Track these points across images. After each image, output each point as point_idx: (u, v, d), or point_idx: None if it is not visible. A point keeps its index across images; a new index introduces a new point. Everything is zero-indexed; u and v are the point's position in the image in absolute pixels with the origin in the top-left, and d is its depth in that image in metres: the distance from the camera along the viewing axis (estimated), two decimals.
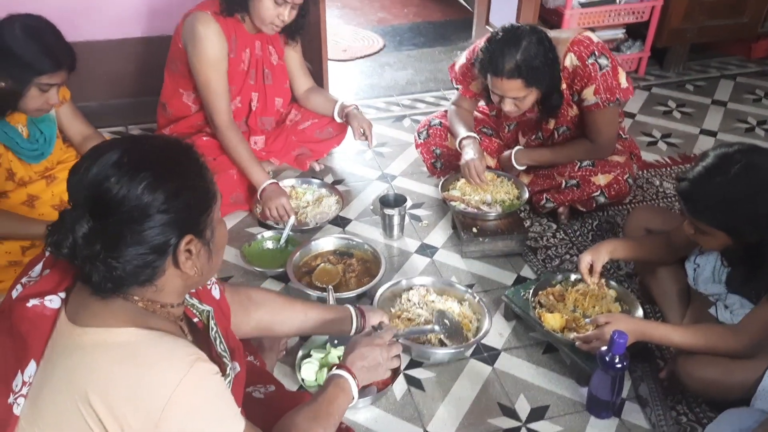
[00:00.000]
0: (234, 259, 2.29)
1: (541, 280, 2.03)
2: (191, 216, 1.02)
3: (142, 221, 0.96)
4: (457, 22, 4.51)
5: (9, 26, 1.86)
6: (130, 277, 0.99)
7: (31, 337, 0.99)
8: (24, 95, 1.90)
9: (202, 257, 1.06)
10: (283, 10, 2.28)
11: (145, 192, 0.96)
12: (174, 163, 1.02)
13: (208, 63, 2.33)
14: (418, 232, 2.45)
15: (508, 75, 2.07)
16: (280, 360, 1.88)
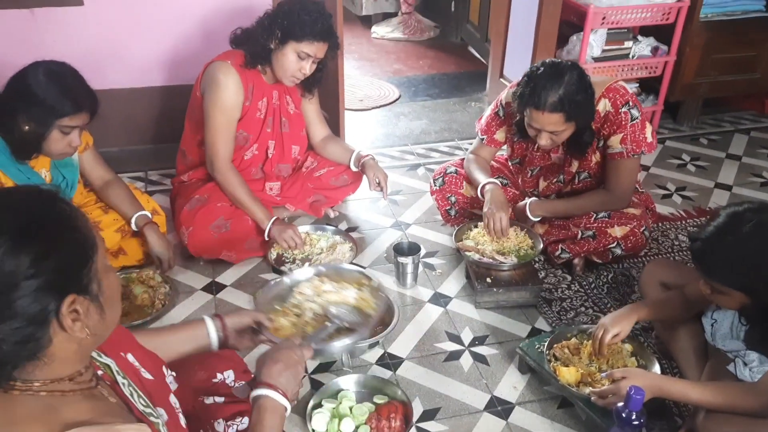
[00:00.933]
0: (248, 305, 2.29)
1: (556, 332, 2.01)
2: (68, 274, 0.91)
3: (9, 293, 0.85)
4: (472, 74, 4.59)
5: (33, 71, 1.92)
6: (12, 357, 0.88)
7: None
8: (46, 138, 1.94)
9: (93, 315, 0.94)
10: (305, 63, 2.35)
11: (6, 260, 0.85)
12: (35, 219, 0.91)
13: (221, 108, 2.39)
14: (432, 281, 2.45)
15: (550, 108, 2.09)
16: (291, 410, 1.85)
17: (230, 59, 2.40)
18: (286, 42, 2.31)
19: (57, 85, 1.91)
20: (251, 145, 2.56)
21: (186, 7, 3.03)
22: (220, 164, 2.44)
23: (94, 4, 2.90)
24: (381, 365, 2.05)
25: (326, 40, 2.33)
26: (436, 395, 1.95)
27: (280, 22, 2.30)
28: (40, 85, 1.90)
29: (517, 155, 2.53)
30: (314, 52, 2.32)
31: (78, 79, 1.98)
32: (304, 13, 2.28)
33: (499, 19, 3.84)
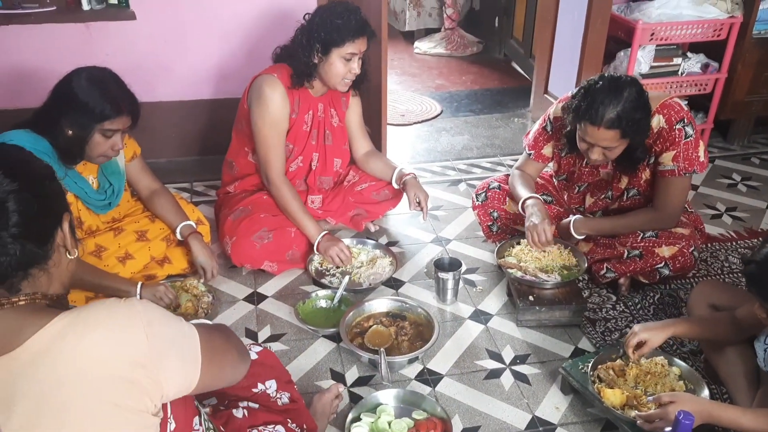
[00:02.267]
0: (288, 317, 2.30)
1: (600, 353, 1.96)
2: (62, 199, 1.15)
3: (44, 212, 1.08)
4: (515, 89, 4.57)
5: (75, 77, 1.98)
6: (27, 253, 1.03)
7: None
8: (89, 141, 1.99)
9: (70, 238, 1.13)
10: (353, 63, 2.39)
11: (44, 186, 1.10)
12: (41, 167, 1.14)
13: (269, 121, 2.42)
14: (473, 297, 2.42)
15: (607, 125, 2.05)
16: (331, 423, 1.85)
17: (276, 72, 2.43)
18: (328, 51, 2.34)
19: (98, 89, 1.96)
20: (296, 156, 2.59)
21: (232, 22, 3.10)
22: (274, 176, 2.48)
23: (146, 19, 2.98)
24: (420, 381, 2.03)
25: (364, 34, 2.37)
26: (476, 413, 1.92)
27: (317, 35, 2.33)
28: (82, 90, 1.95)
29: (564, 171, 2.50)
30: (358, 49, 2.36)
31: (118, 84, 2.03)
32: (335, 17, 2.32)
33: (544, 34, 3.81)
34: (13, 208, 1.00)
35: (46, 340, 0.97)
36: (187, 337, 1.11)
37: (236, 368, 1.27)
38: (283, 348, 2.16)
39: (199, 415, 1.23)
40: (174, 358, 1.07)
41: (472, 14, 5.83)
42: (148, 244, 2.31)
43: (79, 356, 0.97)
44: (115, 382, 0.98)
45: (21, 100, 3.00)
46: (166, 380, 1.05)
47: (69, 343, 0.97)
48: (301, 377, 2.03)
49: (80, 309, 1.02)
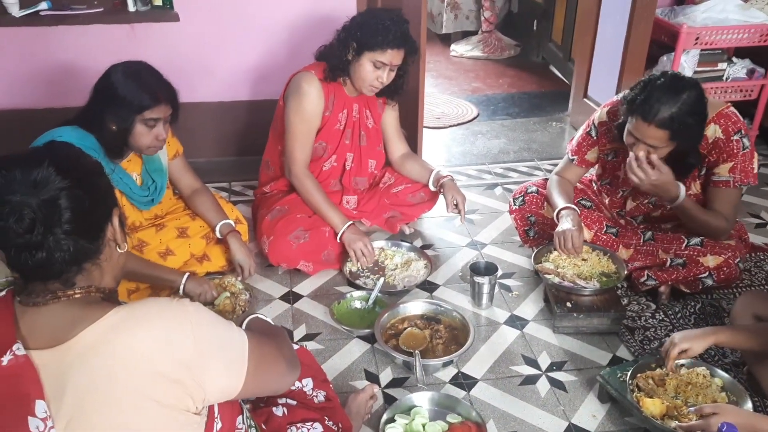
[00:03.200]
0: (323, 317, 2.31)
1: (639, 362, 1.93)
2: (111, 194, 1.17)
3: (96, 206, 1.10)
4: (553, 94, 4.53)
5: (113, 71, 2.03)
6: (80, 251, 1.06)
7: (23, 385, 0.98)
8: (132, 133, 2.03)
9: (120, 233, 1.16)
10: (382, 72, 2.38)
11: (94, 183, 1.11)
12: (91, 162, 1.16)
13: (301, 115, 2.45)
14: (508, 302, 2.41)
15: (658, 123, 2.00)
16: (365, 423, 1.85)
17: (314, 70, 2.47)
18: (361, 53, 2.35)
19: (134, 81, 2.00)
20: (330, 155, 2.60)
21: (272, 25, 3.13)
22: (297, 169, 2.50)
23: (189, 22, 3.03)
24: (454, 384, 2.02)
25: (401, 47, 2.35)
26: (511, 419, 1.91)
27: (354, 34, 2.35)
28: (120, 84, 1.99)
29: (609, 175, 2.46)
30: (389, 60, 2.35)
31: (154, 74, 2.07)
32: (377, 22, 2.32)
33: (584, 38, 3.77)
34: (66, 205, 1.02)
35: (99, 333, 1.00)
36: (235, 343, 1.13)
37: (283, 378, 1.28)
38: (318, 347, 2.17)
39: (241, 414, 1.25)
40: (218, 362, 1.08)
41: (509, 17, 5.80)
42: (188, 240, 2.35)
43: (128, 351, 0.99)
44: (159, 379, 1.00)
45: (68, 98, 3.07)
46: (208, 383, 1.06)
47: (119, 338, 1.00)
48: (335, 377, 2.04)
49: (133, 305, 1.05)
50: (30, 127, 3.15)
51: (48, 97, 3.10)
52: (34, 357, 0.99)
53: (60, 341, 1.00)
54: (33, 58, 3.02)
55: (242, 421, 1.24)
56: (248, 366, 1.13)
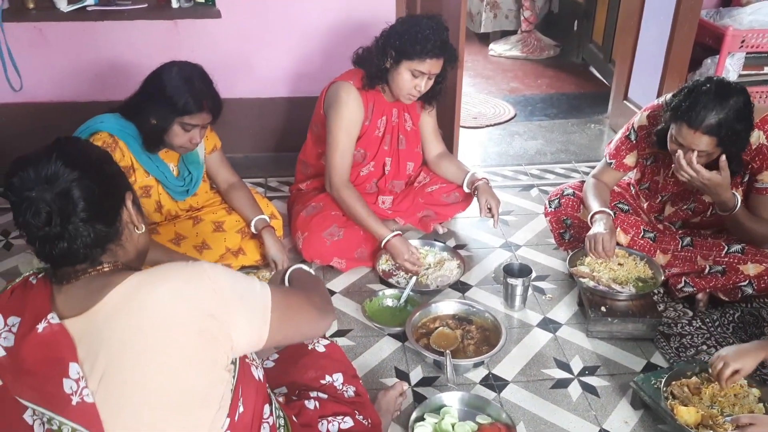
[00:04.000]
0: (354, 313, 2.33)
1: (674, 369, 1.89)
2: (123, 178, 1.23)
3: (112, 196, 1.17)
4: (592, 95, 4.47)
5: (167, 69, 2.07)
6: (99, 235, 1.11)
7: (58, 351, 1.03)
8: (168, 132, 2.07)
9: (137, 214, 1.21)
10: (420, 81, 2.37)
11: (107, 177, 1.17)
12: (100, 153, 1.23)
13: (344, 127, 2.45)
14: (541, 305, 2.39)
15: (705, 130, 1.95)
16: (394, 420, 1.86)
17: (352, 79, 2.46)
18: (399, 61, 2.33)
19: (184, 84, 2.03)
20: (368, 162, 2.61)
21: (312, 23, 3.16)
22: (337, 181, 2.49)
23: (230, 18, 3.08)
24: (485, 385, 2.02)
25: (440, 57, 2.33)
26: (542, 422, 1.89)
27: (393, 42, 2.32)
28: (170, 83, 2.03)
29: (648, 180, 2.41)
30: (428, 69, 2.33)
31: (205, 82, 2.10)
32: (416, 31, 2.29)
33: (626, 39, 3.71)
34: (78, 195, 1.08)
35: (122, 293, 1.05)
36: (256, 294, 1.17)
37: (316, 324, 1.32)
38: (349, 344, 2.19)
39: (270, 404, 1.26)
40: (242, 311, 1.12)
41: (550, 17, 5.74)
42: (224, 234, 2.39)
43: (153, 306, 1.04)
44: (187, 332, 1.05)
45: (112, 92, 3.14)
46: (235, 332, 1.10)
47: (143, 295, 1.05)
48: (366, 373, 2.05)
49: (151, 269, 1.10)
50: (74, 119, 3.23)
51: (92, 91, 3.18)
52: (68, 325, 1.04)
53: (89, 307, 1.05)
54: (79, 52, 3.10)
55: (270, 411, 1.26)
56: (273, 315, 1.17)
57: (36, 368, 1.03)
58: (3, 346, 1.06)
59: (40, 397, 1.03)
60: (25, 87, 3.14)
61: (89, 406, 1.01)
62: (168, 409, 1.04)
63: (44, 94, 3.18)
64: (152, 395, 1.03)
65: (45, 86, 3.16)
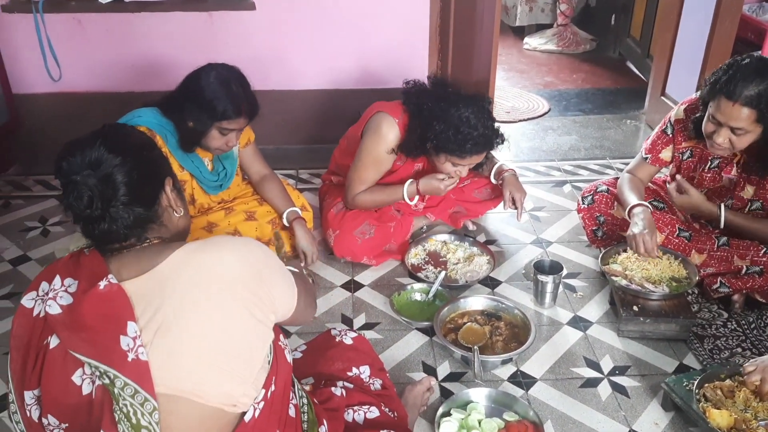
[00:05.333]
0: (383, 307, 2.33)
1: (707, 371, 1.85)
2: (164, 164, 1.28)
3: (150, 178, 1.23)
4: (629, 90, 4.39)
5: (206, 73, 2.08)
6: (145, 218, 1.19)
7: (116, 308, 1.08)
8: (206, 135, 2.10)
9: (178, 201, 1.27)
10: (461, 169, 2.34)
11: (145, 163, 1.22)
12: (145, 139, 1.30)
13: (373, 159, 2.41)
14: (572, 303, 2.36)
15: (743, 101, 1.91)
16: (421, 414, 1.86)
17: (398, 117, 2.36)
18: (439, 153, 2.30)
19: (223, 89, 2.05)
20: None
21: (344, 15, 3.16)
22: (351, 197, 2.49)
23: (264, 10, 3.10)
24: (513, 382, 2.00)
25: (481, 153, 2.30)
26: (570, 420, 1.87)
27: (431, 140, 2.26)
28: (209, 87, 2.04)
29: (684, 175, 2.36)
30: (469, 162, 2.31)
31: (244, 86, 2.11)
32: (456, 127, 2.20)
33: (664, 34, 3.63)
34: (119, 180, 1.14)
35: (182, 255, 1.13)
36: (286, 270, 1.27)
37: (311, 312, 1.43)
38: (377, 337, 2.19)
39: (293, 387, 1.29)
40: (281, 280, 1.22)
41: (587, 11, 5.65)
42: (255, 224, 2.41)
43: (214, 264, 1.12)
44: (240, 287, 1.12)
45: (148, 83, 3.20)
46: (277, 297, 1.19)
47: (202, 255, 1.13)
48: (393, 367, 2.05)
49: (206, 239, 1.19)
50: (111, 109, 3.30)
51: (129, 81, 3.23)
52: (126, 286, 1.10)
53: (148, 270, 1.12)
54: (116, 43, 3.15)
55: (294, 395, 1.28)
56: (297, 290, 1.27)
57: (95, 324, 1.08)
58: (60, 304, 1.11)
59: (97, 352, 1.07)
60: (63, 77, 3.21)
61: (143, 364, 1.06)
62: (217, 360, 1.09)
63: (82, 84, 3.24)
64: (204, 344, 1.08)
65: (83, 76, 3.22)
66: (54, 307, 1.11)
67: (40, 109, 3.26)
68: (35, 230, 2.77)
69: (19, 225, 2.81)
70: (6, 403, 1.83)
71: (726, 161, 2.23)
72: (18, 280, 2.45)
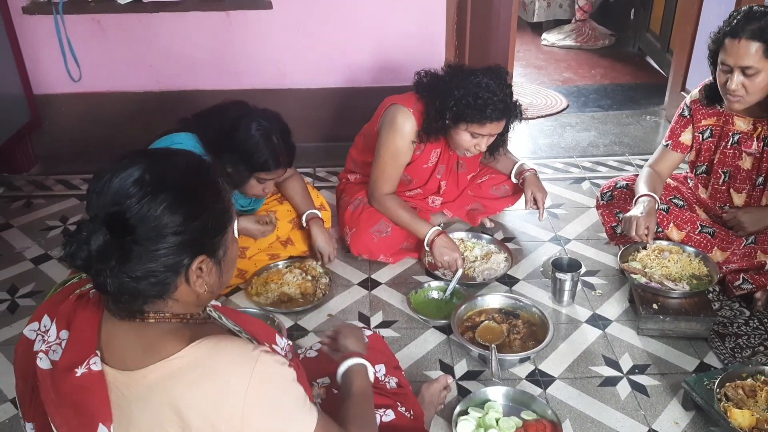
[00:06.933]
0: (400, 305, 2.33)
1: (729, 370, 1.83)
2: (206, 237, 1.02)
3: (157, 242, 0.96)
4: (648, 86, 4.34)
5: (246, 122, 2.05)
6: (143, 291, 0.99)
7: (91, 402, 0.97)
8: (244, 185, 2.12)
9: (213, 275, 1.05)
10: (480, 141, 2.30)
11: (164, 214, 0.95)
12: (194, 184, 1.01)
13: (392, 152, 2.40)
14: (591, 301, 2.34)
15: (747, 35, 1.96)
16: (438, 413, 1.86)
17: (411, 107, 2.36)
18: (458, 122, 2.26)
19: (265, 142, 2.04)
20: (415, 187, 2.59)
21: (361, 13, 3.16)
22: (378, 194, 2.47)
23: (281, 9, 3.11)
24: (530, 381, 1.99)
25: (501, 120, 2.26)
26: (588, 420, 1.86)
27: (450, 106, 2.23)
28: (250, 141, 2.03)
29: (705, 159, 2.34)
30: (488, 132, 2.27)
31: (284, 137, 2.11)
32: (475, 94, 2.18)
33: (685, 28, 3.59)
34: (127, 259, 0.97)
35: (163, 374, 0.97)
36: (297, 424, 1.04)
37: None
38: (394, 335, 2.19)
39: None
40: None
41: (605, 6, 5.59)
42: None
43: (184, 402, 0.96)
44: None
45: (167, 83, 3.23)
46: None
47: (178, 388, 0.96)
48: (410, 365, 2.05)
49: (208, 348, 0.99)
50: (130, 108, 3.34)
51: (147, 81, 3.26)
52: (109, 375, 0.99)
53: (130, 367, 0.98)
54: (135, 43, 3.18)
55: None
56: None
57: (71, 409, 0.98)
58: (51, 359, 1.01)
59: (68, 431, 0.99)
60: (83, 77, 3.24)
61: None
62: None
63: (101, 84, 3.27)
64: None
65: (102, 76, 3.25)
66: (45, 361, 1.01)
67: (61, 110, 3.30)
68: (56, 229, 2.81)
69: (41, 224, 2.85)
70: None
71: (746, 136, 2.21)
72: (40, 278, 2.48)
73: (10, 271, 2.53)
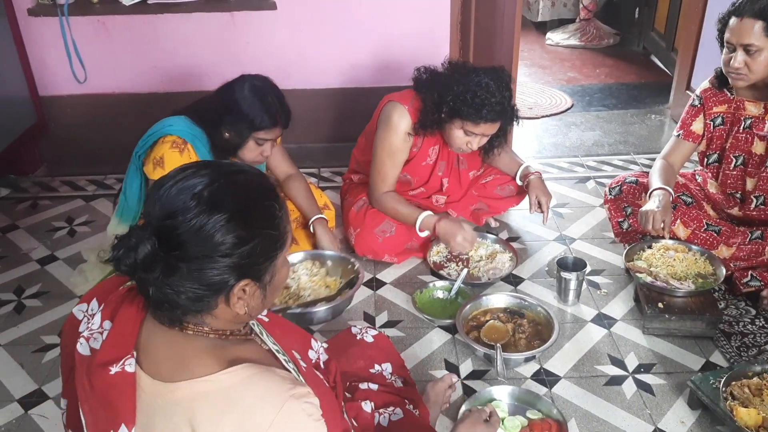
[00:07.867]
0: (405, 304, 2.33)
1: (735, 369, 1.83)
2: (254, 263, 0.99)
3: (204, 262, 0.95)
4: (653, 85, 4.34)
5: (240, 85, 2.09)
6: (183, 304, 0.98)
7: (119, 402, 0.98)
8: (242, 147, 2.12)
9: (256, 298, 1.03)
10: (472, 139, 2.30)
11: (215, 235, 0.94)
12: (252, 207, 0.99)
13: (388, 150, 2.41)
14: (596, 300, 2.33)
15: (750, 14, 2.02)
16: (443, 412, 1.86)
17: (408, 104, 2.37)
18: (453, 117, 2.26)
19: (259, 100, 2.07)
20: (416, 186, 2.59)
21: (365, 14, 3.16)
22: (377, 193, 2.48)
23: (285, 10, 3.11)
24: (536, 380, 1.99)
25: (495, 121, 2.26)
26: (594, 419, 1.85)
27: (447, 101, 2.23)
28: (245, 100, 2.06)
29: (716, 147, 2.34)
30: (481, 131, 2.27)
31: (278, 96, 2.14)
32: (473, 92, 2.18)
33: (689, 27, 3.58)
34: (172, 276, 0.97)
35: (191, 395, 0.96)
36: None
37: None
38: (399, 335, 2.19)
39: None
40: None
41: (610, 5, 5.59)
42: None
43: (205, 428, 0.94)
44: None
45: (171, 84, 3.24)
46: None
47: (202, 413, 0.95)
48: (415, 365, 2.05)
49: (238, 381, 0.97)
50: (135, 110, 3.35)
51: (152, 82, 3.27)
52: (141, 380, 0.99)
53: (161, 377, 0.98)
54: (140, 44, 3.19)
55: None
56: None
57: (99, 402, 1.00)
58: (91, 346, 1.03)
59: (92, 423, 1.01)
60: (89, 79, 3.25)
61: None
62: None
63: (107, 86, 3.28)
64: None
65: (107, 78, 3.26)
66: (85, 347, 1.03)
67: (67, 111, 3.32)
68: (62, 230, 2.82)
69: (47, 225, 2.87)
70: (32, 400, 1.88)
71: (758, 119, 2.22)
72: (46, 279, 2.49)
73: (16, 271, 2.55)
